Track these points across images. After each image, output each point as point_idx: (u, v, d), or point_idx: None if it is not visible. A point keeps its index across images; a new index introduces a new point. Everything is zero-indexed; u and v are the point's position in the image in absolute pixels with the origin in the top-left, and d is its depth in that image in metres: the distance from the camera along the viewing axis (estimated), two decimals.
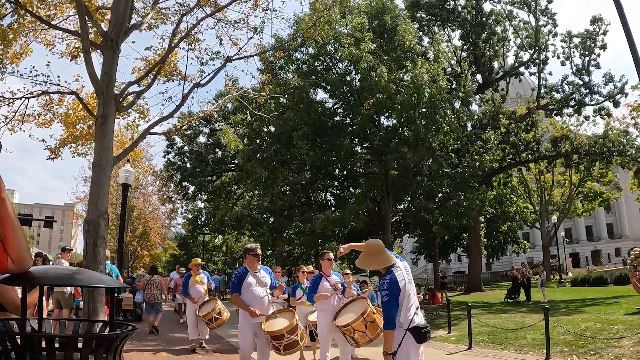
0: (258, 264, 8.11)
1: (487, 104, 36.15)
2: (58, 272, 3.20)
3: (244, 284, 7.79)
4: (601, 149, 35.06)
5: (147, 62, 13.64)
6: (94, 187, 10.29)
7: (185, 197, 41.54)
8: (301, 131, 26.88)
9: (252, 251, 8.01)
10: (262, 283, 7.95)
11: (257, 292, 7.83)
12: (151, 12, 12.67)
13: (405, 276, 5.22)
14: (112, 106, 10.67)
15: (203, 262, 14.81)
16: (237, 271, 8.05)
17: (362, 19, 27.59)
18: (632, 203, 61.11)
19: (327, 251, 9.48)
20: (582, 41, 35.55)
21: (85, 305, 9.81)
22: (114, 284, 3.39)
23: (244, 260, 8.15)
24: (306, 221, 28.86)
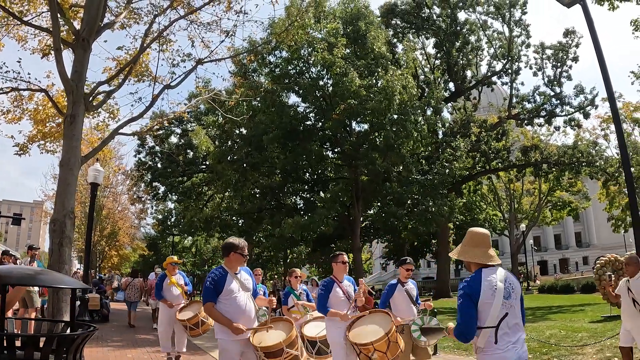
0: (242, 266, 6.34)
1: (459, 112, 36.40)
2: (22, 272, 3.15)
3: (224, 290, 5.87)
4: (570, 159, 35.52)
5: (118, 62, 13.53)
6: (61, 186, 10.22)
7: (155, 198, 41.14)
8: (272, 134, 26.82)
9: (238, 249, 6.08)
10: (245, 287, 6.11)
11: (240, 301, 5.98)
12: (124, 11, 12.58)
13: (500, 286, 4.09)
14: (82, 105, 10.58)
15: (180, 261, 12.33)
16: (214, 273, 6.02)
17: (336, 24, 27.65)
18: (601, 213, 61.88)
19: (340, 252, 8.07)
20: (555, 53, 36.02)
21: (49, 305, 9.78)
22: (76, 285, 3.34)
23: (224, 259, 6.17)
24: (275, 224, 28.77)
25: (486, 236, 4.45)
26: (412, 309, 8.25)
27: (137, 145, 38.02)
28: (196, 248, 61.29)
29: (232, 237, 6.36)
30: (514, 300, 4.16)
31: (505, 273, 4.24)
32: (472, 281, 4.14)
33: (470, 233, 4.51)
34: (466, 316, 4.03)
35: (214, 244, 56.13)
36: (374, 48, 27.61)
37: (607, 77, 11.61)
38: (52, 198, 40.67)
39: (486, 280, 4.09)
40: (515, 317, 4.16)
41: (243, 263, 6.22)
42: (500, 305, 4.03)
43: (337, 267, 7.79)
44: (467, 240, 4.49)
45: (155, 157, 38.43)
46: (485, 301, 4.04)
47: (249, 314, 6.08)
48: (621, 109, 48.68)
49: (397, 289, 8.33)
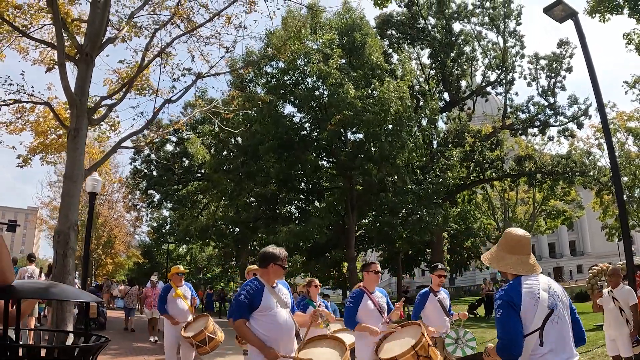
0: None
1: (453, 122, 36.61)
2: (33, 286, 3.27)
3: (260, 305, 5.16)
4: (564, 169, 35.72)
5: (119, 75, 13.65)
6: (65, 198, 10.33)
7: (150, 205, 41.24)
8: (268, 144, 26.96)
9: (279, 260, 5.41)
10: (284, 303, 5.39)
11: (279, 318, 5.23)
12: (126, 26, 12.69)
13: (544, 295, 3.58)
14: (85, 119, 10.71)
15: (186, 270, 11.65)
16: (249, 286, 5.29)
17: (332, 35, 27.83)
18: (594, 221, 62.14)
19: (373, 262, 7.31)
20: (549, 63, 36.25)
21: (53, 315, 9.87)
22: (90, 299, 3.44)
23: (261, 270, 5.51)
24: (270, 233, 28.88)
25: (524, 240, 3.87)
26: (445, 320, 7.79)
27: (133, 153, 38.17)
28: (191, 256, 61.27)
29: (271, 246, 5.66)
30: (562, 311, 3.63)
31: (548, 280, 3.75)
32: (510, 289, 3.62)
33: (506, 236, 3.95)
34: (509, 328, 3.49)
35: (209, 252, 56.16)
36: (370, 59, 27.81)
37: (597, 91, 11.76)
38: (48, 205, 40.75)
39: (526, 289, 3.59)
40: (561, 331, 3.58)
41: (282, 276, 5.61)
42: (543, 317, 3.52)
43: (368, 276, 7.11)
44: (502, 243, 3.94)
45: (150, 165, 38.51)
46: (527, 313, 3.53)
47: (289, 333, 5.34)
48: (614, 118, 49.03)
49: (430, 299, 7.87)
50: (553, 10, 11.63)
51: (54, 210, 39.79)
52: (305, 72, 27.91)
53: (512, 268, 3.73)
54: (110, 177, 41.68)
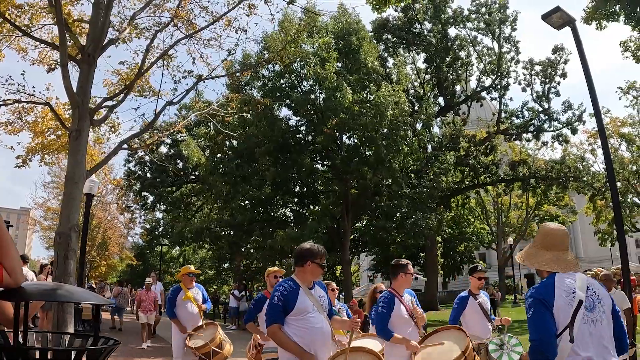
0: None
1: (448, 126, 36.75)
2: (40, 288, 3.27)
3: (295, 308, 4.66)
4: (558, 174, 35.90)
5: (119, 76, 13.65)
6: (66, 200, 10.33)
7: (144, 207, 41.21)
8: (264, 147, 27.02)
9: (317, 258, 4.89)
10: (321, 306, 4.87)
11: (316, 323, 4.72)
12: (128, 27, 12.70)
13: (580, 295, 3.28)
14: (87, 120, 10.72)
15: (198, 271, 10.08)
16: (283, 287, 4.79)
17: (328, 39, 27.89)
18: (587, 227, 62.30)
19: (407, 262, 6.43)
20: (544, 69, 36.47)
21: (54, 316, 9.88)
22: (99, 301, 3.43)
23: (296, 269, 4.96)
24: (265, 236, 28.92)
25: (562, 235, 3.61)
26: (487, 325, 7.27)
27: (127, 154, 38.13)
28: (184, 258, 61.13)
29: (308, 242, 5.11)
30: (601, 313, 3.31)
31: (586, 279, 3.40)
32: (542, 287, 3.35)
33: (542, 231, 3.70)
34: (541, 328, 3.21)
35: (202, 254, 56.09)
36: (366, 63, 27.90)
37: (594, 98, 11.84)
38: (42, 206, 40.52)
39: (561, 286, 3.30)
40: (601, 336, 3.27)
41: (320, 276, 5.08)
42: (580, 319, 3.22)
43: (404, 278, 6.25)
44: (537, 239, 3.67)
45: (144, 167, 38.50)
46: (561, 312, 3.24)
47: (325, 339, 4.80)
48: (608, 124, 49.27)
49: (470, 303, 7.38)
50: (551, 18, 11.72)
51: (47, 211, 39.65)
52: (301, 75, 27.98)
53: (546, 265, 3.45)
54: (109, 177, 41.61)
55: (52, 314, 10.86)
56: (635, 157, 49.17)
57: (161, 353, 15.19)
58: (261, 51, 27.51)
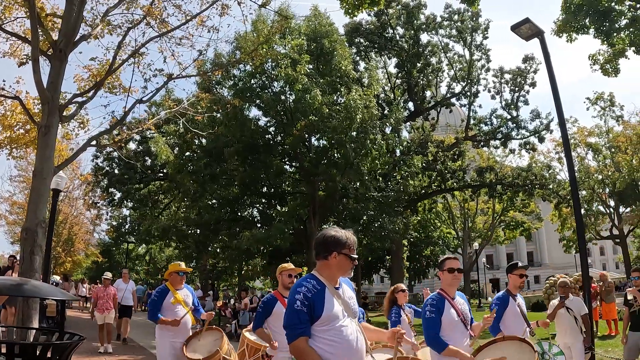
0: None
1: (417, 131, 37.04)
2: (5, 283, 3.27)
3: (323, 315, 3.70)
4: (524, 182, 36.42)
5: (90, 72, 13.57)
6: (34, 195, 10.30)
7: (111, 204, 40.85)
8: (233, 147, 26.94)
9: (345, 247, 3.90)
10: (351, 311, 3.91)
11: (349, 334, 3.76)
12: (100, 24, 12.64)
13: None
14: (56, 116, 10.69)
15: (190, 269, 8.59)
16: (305, 286, 3.76)
17: (301, 40, 27.90)
18: (552, 233, 63.28)
19: (452, 257, 5.60)
20: (513, 78, 37.04)
21: (19, 312, 9.79)
22: (64, 296, 3.43)
23: (319, 263, 3.95)
24: (232, 236, 28.82)
25: None
26: (526, 330, 6.41)
27: (95, 150, 37.77)
28: (150, 256, 60.72)
29: (332, 229, 4.07)
30: None
31: None
32: None
33: None
34: None
35: (169, 252, 55.74)
36: (339, 67, 28.00)
37: (560, 109, 12.09)
38: (7, 200, 39.93)
39: None
40: None
41: (350, 271, 4.03)
42: None
43: (452, 278, 5.39)
44: None
45: (112, 163, 38.17)
46: None
47: (360, 354, 3.81)
48: (576, 133, 50.15)
49: (510, 305, 6.50)
50: (520, 29, 11.93)
51: (13, 205, 39.13)
52: (272, 76, 27.94)
53: None
54: (77, 173, 41.16)
55: (16, 309, 10.77)
56: (601, 167, 50.11)
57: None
58: (233, 51, 27.46)
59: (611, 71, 20.16)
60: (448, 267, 5.37)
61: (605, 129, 49.96)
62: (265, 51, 21.75)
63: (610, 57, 19.88)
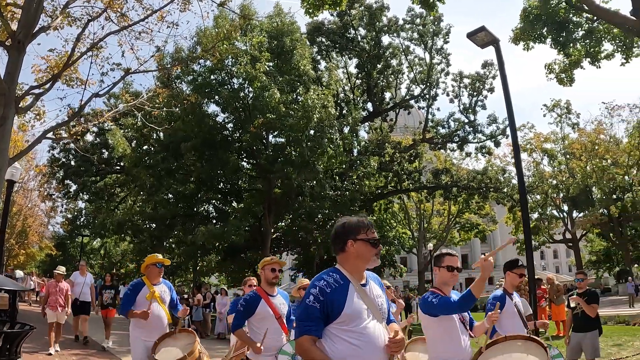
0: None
1: (375, 132, 37.36)
2: None
3: (343, 314, 3.30)
4: (479, 184, 36.99)
5: (48, 64, 13.46)
6: None
7: (66, 196, 40.33)
8: (190, 142, 26.89)
9: (362, 231, 3.55)
10: (379, 311, 3.50)
11: (376, 337, 3.33)
12: (60, 15, 12.57)
13: None
14: (13, 108, 10.62)
15: (169, 261, 8.02)
16: (325, 280, 3.40)
17: (262, 38, 27.95)
18: (507, 236, 64.03)
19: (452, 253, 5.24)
20: (472, 82, 37.55)
21: None
22: (16, 287, 3.52)
23: (339, 256, 3.59)
24: (187, 232, 28.72)
25: None
26: (524, 330, 6.06)
27: (52, 141, 37.18)
28: (105, 250, 60.02)
29: (344, 217, 3.78)
30: None
31: None
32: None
33: None
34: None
35: (124, 247, 55.18)
36: (299, 66, 28.11)
37: (511, 115, 12.53)
38: None
39: None
40: None
41: (375, 259, 3.52)
42: None
43: (449, 276, 5.11)
44: None
45: (69, 155, 37.68)
46: None
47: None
48: (532, 138, 51.19)
49: (507, 304, 6.24)
50: (476, 36, 12.25)
51: None
52: (232, 72, 27.90)
53: None
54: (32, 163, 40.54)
55: None
56: (556, 172, 51.22)
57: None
58: (194, 46, 27.38)
59: (566, 81, 20.58)
60: (447, 265, 5.06)
61: (561, 136, 51.14)
62: (226, 48, 21.82)
63: (566, 67, 20.31)
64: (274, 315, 6.01)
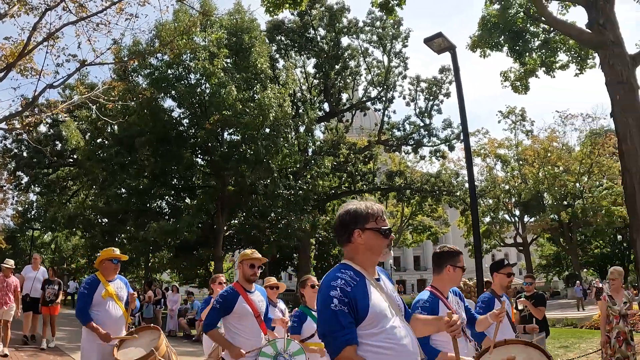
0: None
1: (331, 132, 37.62)
2: None
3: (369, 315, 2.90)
4: (432, 187, 37.54)
5: (3, 52, 13.27)
6: None
7: (17, 188, 39.63)
8: (144, 137, 26.72)
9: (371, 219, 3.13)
10: (399, 309, 3.18)
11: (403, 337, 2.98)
12: (18, 3, 12.44)
13: None
14: None
15: (125, 257, 7.21)
16: (342, 278, 2.95)
17: (221, 34, 27.88)
18: (459, 238, 65.24)
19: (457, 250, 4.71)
20: (429, 87, 38.06)
21: None
22: None
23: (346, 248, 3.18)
24: (139, 227, 28.53)
25: None
26: (513, 334, 5.73)
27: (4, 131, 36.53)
28: (56, 245, 58.99)
29: (350, 202, 3.30)
30: None
31: None
32: None
33: None
34: None
35: (75, 241, 54.34)
36: (256, 63, 28.13)
37: (464, 121, 12.81)
38: None
39: None
40: None
41: (388, 251, 3.16)
42: None
43: (456, 275, 4.55)
44: None
45: (21, 146, 37.05)
46: None
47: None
48: (486, 144, 52.02)
49: (496, 306, 5.65)
50: (433, 42, 12.50)
51: None
52: (189, 68, 27.80)
53: None
54: None
55: None
56: (509, 177, 52.19)
57: None
58: (152, 39, 27.17)
59: (521, 89, 21.03)
60: (461, 265, 4.55)
61: (515, 142, 52.14)
62: (184, 42, 21.78)
63: (521, 75, 20.75)
64: (253, 314, 5.46)
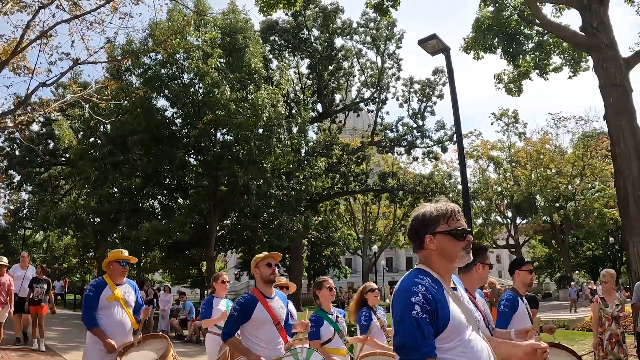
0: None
1: (324, 133, 37.63)
2: None
3: (451, 323, 2.55)
4: (425, 189, 37.57)
5: None
6: None
7: (9, 187, 39.47)
8: (137, 136, 26.62)
9: (447, 220, 2.73)
10: (474, 321, 2.82)
11: (481, 350, 2.69)
12: (11, 1, 12.40)
13: None
14: None
15: (135, 259, 6.76)
16: (420, 284, 2.56)
17: (215, 34, 27.81)
18: None
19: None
20: (422, 88, 38.13)
21: None
22: None
23: (420, 253, 2.81)
24: (131, 227, 28.43)
25: None
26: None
27: None
28: (47, 244, 58.70)
29: (422, 206, 2.89)
30: None
31: None
32: None
33: None
34: None
35: (67, 241, 54.13)
36: (250, 63, 28.10)
37: (458, 122, 12.81)
38: None
39: None
40: None
41: (467, 255, 2.77)
42: None
43: (484, 274, 4.45)
44: None
45: (13, 144, 36.91)
46: None
47: None
48: (479, 146, 52.08)
49: (520, 306, 5.47)
50: (427, 43, 12.48)
51: None
52: (183, 67, 27.72)
53: None
54: None
55: None
56: (501, 179, 52.27)
57: None
58: (146, 38, 27.07)
59: (515, 91, 21.12)
60: (489, 262, 4.33)
61: (508, 144, 52.23)
62: (178, 42, 21.71)
63: (515, 77, 20.84)
64: (272, 321, 5.19)
